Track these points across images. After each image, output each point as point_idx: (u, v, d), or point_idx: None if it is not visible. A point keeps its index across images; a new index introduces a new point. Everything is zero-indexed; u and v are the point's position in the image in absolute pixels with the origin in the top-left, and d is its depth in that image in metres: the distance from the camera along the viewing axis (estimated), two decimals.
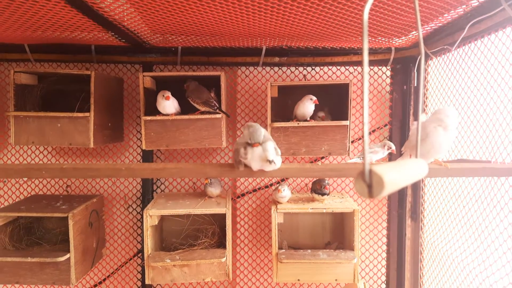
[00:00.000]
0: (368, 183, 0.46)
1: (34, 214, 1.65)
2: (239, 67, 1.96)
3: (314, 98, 1.60)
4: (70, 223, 1.61)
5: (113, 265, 2.02)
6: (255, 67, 1.95)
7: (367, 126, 0.50)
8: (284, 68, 1.95)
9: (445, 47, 1.60)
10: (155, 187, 1.99)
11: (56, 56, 1.88)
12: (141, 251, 1.99)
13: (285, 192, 1.67)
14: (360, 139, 1.96)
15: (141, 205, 1.97)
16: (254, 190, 2.00)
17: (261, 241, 2.03)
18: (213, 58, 1.90)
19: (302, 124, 1.60)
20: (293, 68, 1.95)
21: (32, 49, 1.84)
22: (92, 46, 1.84)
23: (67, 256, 1.61)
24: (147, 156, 1.93)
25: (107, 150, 1.97)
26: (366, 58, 0.50)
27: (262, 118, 1.99)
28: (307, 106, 1.61)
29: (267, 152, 0.88)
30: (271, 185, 2.00)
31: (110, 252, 2.01)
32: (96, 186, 1.98)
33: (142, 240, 1.97)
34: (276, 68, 1.96)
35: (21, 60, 1.91)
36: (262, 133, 0.96)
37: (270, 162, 0.87)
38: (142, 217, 1.96)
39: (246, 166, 0.94)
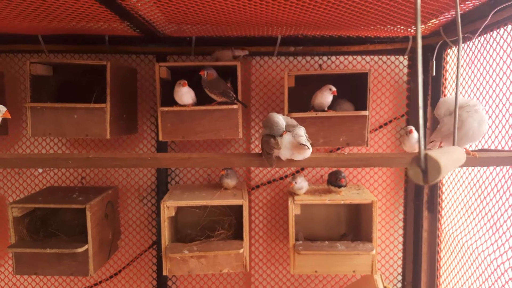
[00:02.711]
0: (423, 168, 0.44)
1: (52, 206, 1.66)
2: (253, 57, 1.94)
3: (334, 88, 1.58)
4: (88, 214, 1.61)
5: (128, 256, 2.02)
6: (270, 56, 1.93)
7: (421, 110, 0.48)
8: (299, 58, 1.93)
9: (466, 35, 1.57)
10: (169, 179, 1.98)
11: (69, 46, 1.87)
12: (156, 242, 1.99)
13: (301, 184, 1.66)
14: (376, 129, 1.93)
15: (155, 197, 1.97)
16: (269, 182, 1.99)
17: (276, 233, 2.02)
18: (227, 48, 1.87)
19: (320, 114, 1.58)
20: (308, 58, 1.92)
21: (45, 40, 1.83)
22: (106, 37, 1.82)
23: (85, 247, 1.61)
24: (162, 148, 1.92)
25: (121, 142, 1.97)
26: (419, 38, 0.48)
27: (276, 108, 1.97)
28: (326, 96, 1.58)
29: (299, 137, 0.86)
30: (286, 176, 1.99)
31: (125, 244, 2.01)
32: (111, 178, 1.98)
33: (157, 231, 1.97)
34: (291, 58, 1.93)
35: (34, 51, 1.90)
36: (283, 121, 0.94)
37: (303, 147, 0.85)
38: (157, 209, 1.96)
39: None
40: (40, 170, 1.98)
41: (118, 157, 0.94)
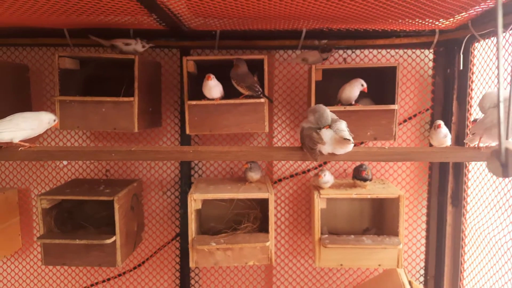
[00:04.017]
0: (503, 162, 0.44)
1: (80, 197, 1.68)
2: (277, 50, 1.93)
3: (365, 85, 1.57)
4: (116, 206, 1.63)
5: (151, 248, 2.05)
6: (294, 50, 1.92)
7: (502, 104, 0.48)
8: (289, 60, 1.92)
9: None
10: (192, 172, 1.99)
11: (93, 41, 1.87)
12: (179, 234, 2.01)
13: (327, 178, 1.66)
14: (400, 123, 1.92)
15: (179, 190, 1.98)
16: (291, 176, 1.99)
17: (298, 226, 2.03)
18: (251, 42, 1.87)
19: (348, 108, 1.58)
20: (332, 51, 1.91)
21: (69, 33, 1.84)
22: (131, 31, 1.83)
23: (113, 238, 1.64)
24: (185, 141, 1.93)
25: (145, 135, 1.98)
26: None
27: (300, 102, 1.96)
28: (355, 90, 1.58)
29: (342, 132, 0.86)
30: (308, 170, 1.99)
31: (148, 236, 2.04)
32: (135, 171, 2.00)
33: (180, 224, 1.99)
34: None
35: (58, 44, 1.91)
36: (329, 115, 0.94)
37: (347, 141, 0.86)
38: (180, 201, 1.98)
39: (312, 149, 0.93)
40: (65, 163, 2.00)
41: (162, 150, 0.95)
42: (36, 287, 2.10)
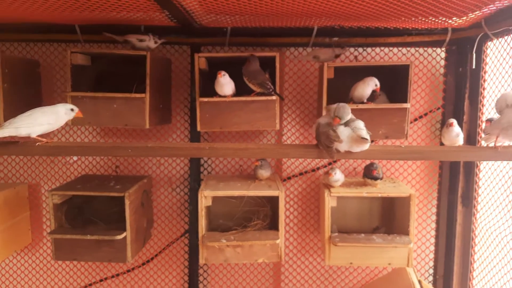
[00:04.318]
0: None
1: (92, 193, 1.68)
2: (288, 48, 1.93)
3: (379, 84, 1.56)
4: (127, 202, 1.64)
5: (160, 244, 2.06)
6: (305, 47, 1.92)
7: None
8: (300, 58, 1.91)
9: (510, 28, 1.54)
10: (201, 169, 1.99)
11: (104, 36, 1.87)
12: (188, 231, 2.02)
13: (337, 176, 1.66)
14: (411, 122, 1.91)
15: (188, 186, 1.99)
16: (301, 174, 1.99)
17: (306, 224, 2.03)
18: (261, 39, 1.87)
19: (360, 106, 1.57)
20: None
21: (80, 29, 1.84)
22: (142, 27, 1.83)
23: (124, 234, 1.64)
24: (195, 138, 1.93)
25: (155, 132, 1.99)
26: None
27: (310, 100, 1.96)
28: (368, 88, 1.57)
29: (360, 130, 0.86)
30: (318, 168, 1.99)
31: (157, 232, 2.04)
32: (145, 167, 2.00)
33: (189, 220, 1.99)
34: None
35: (69, 40, 1.91)
36: (349, 110, 0.94)
37: (365, 140, 0.85)
38: (189, 198, 1.98)
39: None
40: (75, 158, 2.01)
41: (178, 146, 0.95)
42: (45, 281, 2.12)
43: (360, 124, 0.88)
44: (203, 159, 1.98)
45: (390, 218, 1.88)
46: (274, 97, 1.60)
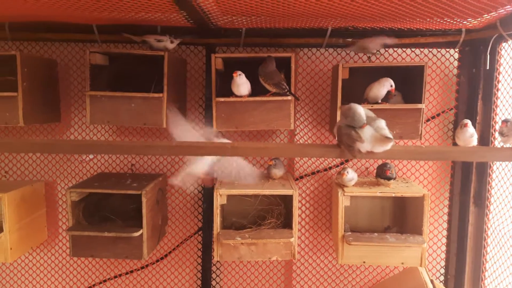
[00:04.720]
0: None
1: (109, 191, 1.72)
2: (301, 48, 1.95)
3: (394, 85, 1.57)
4: (143, 200, 1.67)
5: (174, 241, 2.08)
6: (318, 48, 1.93)
7: None
8: (348, 50, 1.92)
9: None
10: None
11: (120, 36, 1.89)
12: (201, 229, 2.04)
13: (351, 175, 1.67)
14: (424, 122, 1.92)
15: (202, 185, 2.01)
16: (313, 173, 2.01)
17: (319, 223, 2.05)
18: (276, 40, 1.88)
19: (375, 106, 1.59)
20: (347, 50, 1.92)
21: (97, 29, 1.87)
22: (158, 28, 1.85)
23: (140, 232, 1.67)
24: None
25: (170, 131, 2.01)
26: None
27: (322, 100, 1.98)
28: (383, 89, 1.59)
29: (383, 130, 0.87)
30: (330, 168, 2.00)
31: (171, 230, 2.07)
32: (160, 166, 2.03)
33: (203, 218, 2.02)
34: (339, 50, 1.93)
35: (86, 40, 1.93)
36: (363, 114, 0.96)
37: (389, 140, 0.87)
38: (203, 196, 2.01)
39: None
40: (91, 156, 2.04)
41: (201, 145, 0.97)
42: (60, 278, 2.15)
43: (382, 123, 0.89)
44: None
45: (401, 217, 1.89)
46: (289, 97, 1.63)
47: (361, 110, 0.95)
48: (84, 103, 2.00)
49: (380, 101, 1.64)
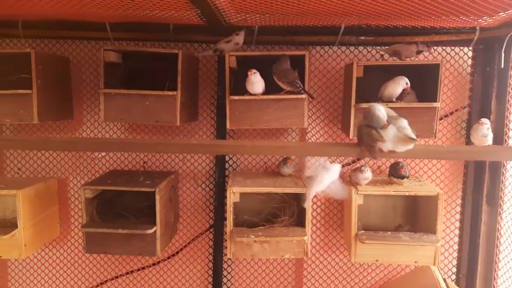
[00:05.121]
0: None
1: (123, 188, 1.72)
2: (314, 46, 1.94)
3: (409, 83, 1.57)
4: (157, 197, 1.67)
5: (185, 239, 2.09)
6: (330, 46, 1.93)
7: None
8: (360, 48, 1.92)
9: None
10: (226, 165, 2.02)
11: (132, 34, 1.90)
12: (212, 226, 2.05)
13: (368, 174, 1.67)
14: None
15: (213, 182, 2.02)
16: None
17: (330, 222, 2.05)
18: (288, 37, 1.88)
19: (390, 105, 1.58)
20: (369, 48, 1.91)
21: (110, 27, 1.87)
22: (171, 25, 1.85)
23: (154, 229, 1.68)
24: (221, 136, 1.95)
25: (182, 129, 2.02)
26: None
27: (335, 98, 1.97)
28: (399, 87, 1.58)
29: (406, 130, 0.87)
30: (342, 166, 2.00)
31: (183, 227, 2.08)
32: (172, 163, 2.04)
33: (214, 216, 2.02)
34: (352, 48, 1.93)
35: (99, 38, 1.94)
36: (384, 114, 0.95)
37: (412, 140, 0.87)
38: (214, 194, 2.02)
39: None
40: (103, 154, 2.06)
41: (219, 144, 0.98)
42: (72, 274, 2.17)
43: (405, 122, 0.89)
44: (228, 156, 2.01)
45: (413, 216, 1.89)
46: (303, 96, 1.62)
47: (381, 112, 0.95)
48: (96, 100, 2.02)
49: (394, 100, 1.63)
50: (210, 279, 2.09)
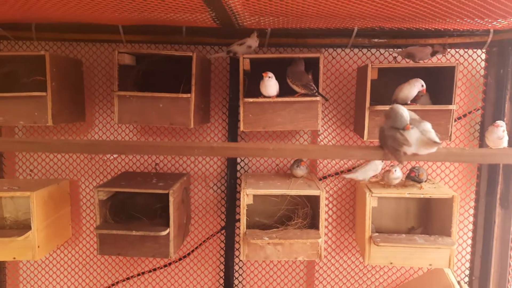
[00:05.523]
0: None
1: (136, 190, 1.73)
2: (326, 48, 1.94)
3: (424, 85, 1.56)
4: (171, 199, 1.68)
5: (197, 240, 2.10)
6: (343, 48, 1.93)
7: None
8: (373, 50, 1.92)
9: None
10: (238, 167, 2.02)
11: (145, 37, 1.90)
12: (224, 228, 2.05)
13: (398, 173, 1.67)
14: None
15: (225, 184, 2.02)
16: (337, 173, 2.01)
17: (342, 224, 2.05)
18: (300, 40, 1.88)
19: (405, 107, 1.58)
20: (382, 50, 1.91)
21: (123, 30, 1.88)
22: (183, 28, 1.86)
23: (168, 230, 1.68)
24: (232, 138, 1.96)
25: (193, 131, 2.02)
26: None
27: (347, 101, 1.97)
28: (414, 90, 1.58)
29: (430, 133, 0.87)
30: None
31: (194, 228, 2.09)
32: (183, 165, 2.04)
33: (226, 217, 2.03)
34: (364, 50, 1.92)
35: (111, 41, 1.95)
36: (407, 114, 0.95)
37: (436, 144, 0.87)
38: (226, 196, 2.02)
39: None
40: (115, 155, 2.06)
41: (240, 147, 0.98)
42: (84, 275, 2.18)
43: (428, 126, 0.89)
44: (240, 158, 2.01)
45: (426, 219, 1.89)
46: (317, 98, 1.62)
47: (404, 111, 0.95)
48: (108, 102, 2.02)
49: (409, 102, 1.63)
50: (222, 281, 2.09)
